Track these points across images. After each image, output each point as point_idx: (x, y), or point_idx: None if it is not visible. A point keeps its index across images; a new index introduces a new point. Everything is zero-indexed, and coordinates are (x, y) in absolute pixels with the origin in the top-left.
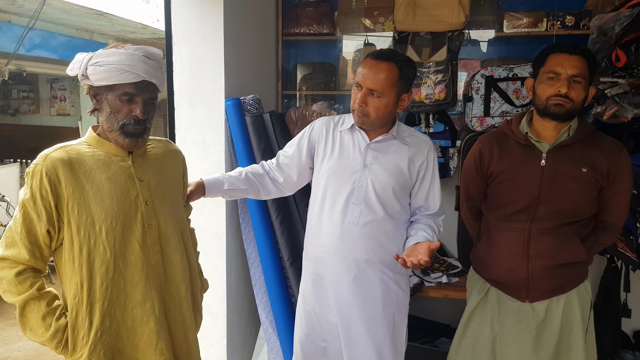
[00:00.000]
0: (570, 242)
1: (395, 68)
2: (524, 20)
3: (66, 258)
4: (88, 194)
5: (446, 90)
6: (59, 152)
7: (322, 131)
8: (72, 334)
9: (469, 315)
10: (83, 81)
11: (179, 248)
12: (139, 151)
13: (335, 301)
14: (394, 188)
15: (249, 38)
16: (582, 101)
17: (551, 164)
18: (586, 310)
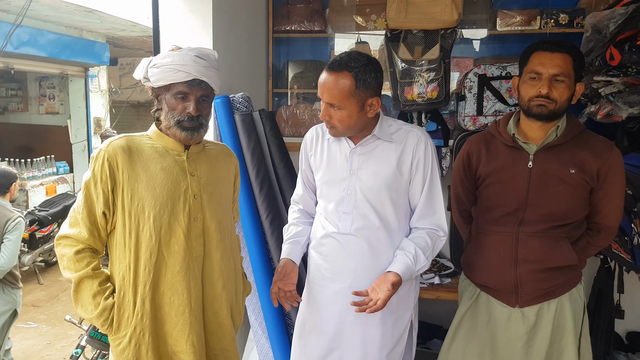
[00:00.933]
0: (559, 246)
1: (349, 78)
2: (517, 18)
3: (118, 241)
4: (142, 181)
5: (439, 89)
6: (121, 140)
7: (311, 142)
8: (117, 313)
9: (459, 320)
10: (146, 84)
11: (220, 245)
12: (195, 148)
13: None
14: (385, 192)
15: (239, 35)
16: (566, 100)
17: (538, 166)
18: (579, 315)
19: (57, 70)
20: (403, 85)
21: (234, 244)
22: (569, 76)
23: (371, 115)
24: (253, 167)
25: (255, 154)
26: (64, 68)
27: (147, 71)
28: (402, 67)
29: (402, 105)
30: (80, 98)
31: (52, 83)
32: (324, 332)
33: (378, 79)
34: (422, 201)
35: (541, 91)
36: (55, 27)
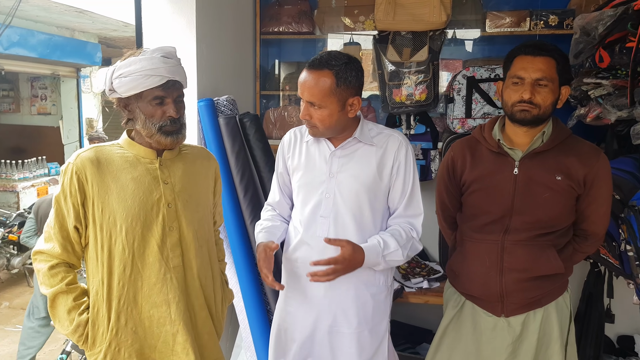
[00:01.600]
0: (545, 254)
1: (329, 76)
2: (507, 20)
3: (91, 255)
4: (112, 193)
5: (427, 91)
6: (90, 152)
7: (289, 144)
8: (92, 329)
9: (443, 329)
10: (112, 95)
11: (199, 253)
12: (169, 154)
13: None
14: (364, 195)
15: (224, 36)
16: (550, 105)
17: (524, 173)
18: (565, 324)
19: (49, 70)
20: (391, 87)
21: (212, 252)
22: (553, 80)
23: (352, 115)
24: (238, 171)
25: (239, 158)
26: (55, 69)
27: (111, 82)
28: (391, 69)
29: (390, 107)
30: (72, 99)
31: (44, 84)
32: (299, 339)
33: (359, 78)
34: (403, 206)
35: (523, 96)
36: (47, 28)
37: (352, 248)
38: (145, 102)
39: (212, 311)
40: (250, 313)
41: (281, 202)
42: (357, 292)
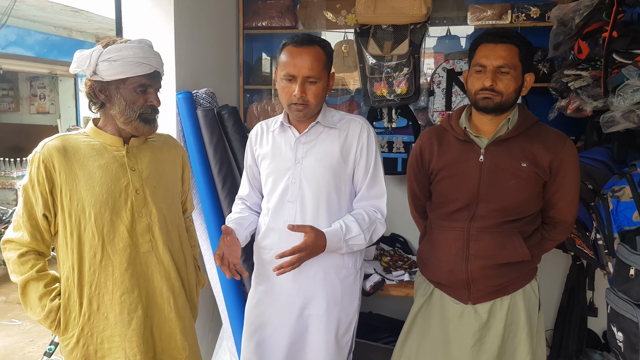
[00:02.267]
0: (511, 241)
1: (321, 50)
2: (488, 13)
3: (61, 242)
4: (80, 180)
5: (408, 84)
6: (56, 140)
7: (256, 136)
8: (64, 314)
9: (412, 317)
10: (93, 77)
11: (170, 238)
12: (135, 141)
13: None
14: (329, 179)
15: (205, 31)
16: (513, 92)
17: (489, 160)
18: (533, 312)
19: (46, 70)
20: (372, 80)
21: (183, 237)
22: (515, 67)
23: (328, 91)
24: (216, 163)
25: (218, 149)
26: (52, 68)
27: (96, 65)
28: (372, 63)
29: (371, 101)
30: (69, 98)
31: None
32: (271, 326)
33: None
34: (365, 187)
35: (485, 84)
36: (44, 27)
37: (315, 234)
38: (128, 88)
39: (191, 296)
40: (229, 301)
41: (251, 194)
42: (326, 276)
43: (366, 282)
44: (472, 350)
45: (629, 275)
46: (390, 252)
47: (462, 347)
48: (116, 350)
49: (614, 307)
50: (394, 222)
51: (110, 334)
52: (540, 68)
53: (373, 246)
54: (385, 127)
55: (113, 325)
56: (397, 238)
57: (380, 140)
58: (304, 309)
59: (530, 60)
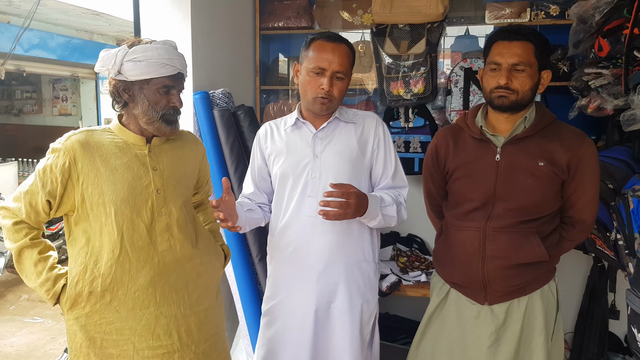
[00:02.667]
0: (529, 241)
1: (349, 49)
2: (507, 11)
3: (82, 229)
4: (102, 176)
5: (425, 84)
6: (80, 135)
7: (265, 136)
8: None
9: (428, 317)
10: (117, 77)
11: (187, 235)
12: (157, 140)
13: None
14: (349, 171)
15: (222, 31)
16: (529, 90)
17: (506, 159)
18: (551, 314)
19: (68, 72)
20: (389, 80)
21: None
22: (530, 65)
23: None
24: (232, 162)
25: (234, 150)
26: (74, 70)
27: (121, 64)
28: (388, 62)
29: (388, 100)
30: (91, 100)
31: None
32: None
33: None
34: (390, 178)
35: (500, 82)
36: (66, 31)
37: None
38: (152, 89)
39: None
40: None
41: (256, 193)
42: (348, 270)
43: (382, 282)
44: (489, 351)
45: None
46: (407, 252)
47: (478, 348)
48: (124, 342)
49: (634, 307)
50: (411, 222)
51: (120, 327)
52: (560, 67)
53: (389, 246)
54: (402, 126)
55: (124, 318)
56: (414, 238)
57: (397, 140)
58: (327, 304)
59: (547, 57)
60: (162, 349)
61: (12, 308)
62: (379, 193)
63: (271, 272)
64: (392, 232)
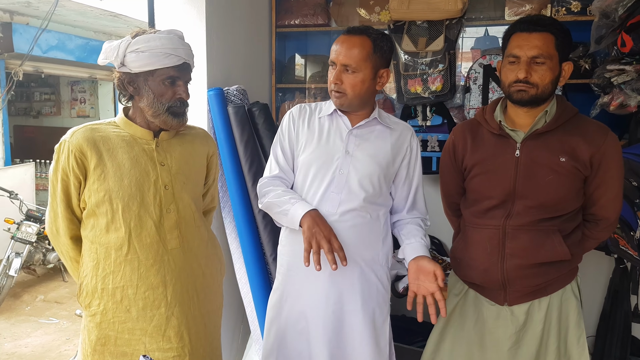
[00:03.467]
0: (550, 240)
1: (368, 41)
2: (527, 7)
3: (90, 225)
4: (109, 171)
5: (443, 81)
6: (85, 129)
7: (300, 115)
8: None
9: (446, 318)
10: (120, 69)
11: (198, 234)
12: (165, 135)
13: (311, 298)
14: (378, 175)
15: (237, 28)
16: (550, 83)
17: (526, 154)
18: (573, 315)
19: (86, 74)
20: (406, 77)
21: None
22: (551, 57)
23: (379, 87)
24: (246, 160)
25: (248, 147)
26: (92, 72)
27: (124, 56)
28: (406, 59)
29: (405, 98)
30: (108, 101)
31: (83, 87)
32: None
33: (391, 50)
34: (412, 194)
35: (519, 76)
36: (84, 32)
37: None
38: (157, 80)
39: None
40: (258, 304)
41: (288, 173)
42: (362, 271)
43: (399, 283)
44: (509, 353)
45: None
46: None
47: (498, 351)
48: (136, 342)
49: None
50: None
51: (132, 327)
52: (582, 64)
53: None
54: (420, 125)
55: (135, 319)
56: (432, 239)
57: None
58: (339, 304)
59: (568, 48)
60: (173, 352)
61: (28, 309)
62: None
63: (285, 262)
64: None
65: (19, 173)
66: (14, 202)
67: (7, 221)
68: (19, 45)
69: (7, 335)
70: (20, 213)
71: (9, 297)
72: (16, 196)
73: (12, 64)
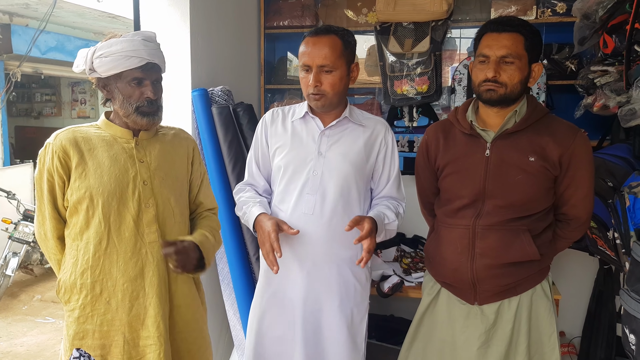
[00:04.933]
0: (519, 239)
1: (337, 39)
2: (512, 9)
3: (72, 222)
4: (89, 169)
5: (429, 82)
6: (67, 132)
7: (272, 120)
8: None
9: (419, 318)
10: (91, 75)
11: (177, 229)
12: (145, 134)
13: (288, 298)
14: (351, 174)
15: (223, 30)
16: (518, 83)
17: (496, 154)
18: (544, 315)
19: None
20: (393, 79)
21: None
22: (520, 57)
23: (352, 82)
24: (230, 160)
25: (232, 147)
26: None
27: (92, 62)
28: (392, 61)
29: (392, 99)
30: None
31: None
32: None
33: (355, 44)
34: (393, 190)
35: (487, 75)
36: (83, 34)
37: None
38: (124, 82)
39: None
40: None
41: (260, 181)
42: (340, 271)
43: (384, 283)
44: (478, 352)
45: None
46: (411, 253)
47: (468, 349)
48: (115, 333)
49: (627, 308)
50: (417, 223)
51: (111, 318)
52: (568, 65)
53: (393, 247)
54: (406, 126)
55: (114, 310)
56: (420, 240)
57: (400, 140)
58: (317, 304)
59: (538, 49)
60: (150, 340)
61: (25, 308)
62: (382, 209)
63: (264, 266)
64: (397, 233)
65: (17, 173)
66: (12, 202)
67: (4, 221)
68: (17, 47)
69: (2, 334)
70: (18, 213)
71: (6, 297)
72: (14, 196)
73: (12, 65)
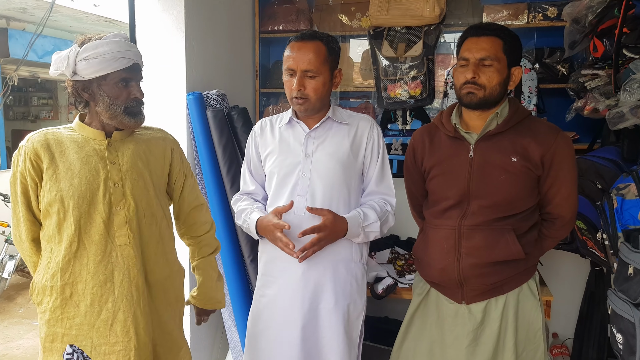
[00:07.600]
0: (504, 239)
1: (322, 45)
2: (504, 13)
3: (46, 225)
4: (60, 171)
5: (422, 86)
6: (40, 134)
7: (261, 131)
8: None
9: (410, 317)
10: (73, 78)
11: (149, 232)
12: (118, 135)
13: (284, 298)
14: (340, 173)
15: (218, 34)
16: (497, 85)
17: (479, 155)
18: (531, 313)
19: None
20: (386, 82)
21: (163, 229)
22: (498, 59)
23: (335, 87)
24: (225, 163)
25: (227, 150)
26: None
27: (74, 65)
28: (385, 65)
29: (385, 103)
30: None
31: None
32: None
33: (339, 50)
34: (374, 182)
35: (467, 76)
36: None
37: (334, 216)
38: (110, 84)
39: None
40: (236, 303)
41: (257, 189)
42: (335, 270)
43: (378, 285)
44: (467, 350)
45: (628, 274)
46: (405, 255)
47: (457, 348)
48: (83, 338)
49: (614, 308)
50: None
51: (80, 322)
52: (560, 69)
53: (387, 249)
54: (400, 129)
55: (83, 314)
56: (414, 242)
57: (394, 143)
58: (313, 303)
59: (518, 53)
60: (119, 346)
61: (22, 311)
62: (364, 209)
63: (261, 269)
64: (391, 235)
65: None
66: (8, 206)
67: (1, 224)
68: (14, 51)
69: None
70: None
71: (3, 300)
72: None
73: (8, 69)
